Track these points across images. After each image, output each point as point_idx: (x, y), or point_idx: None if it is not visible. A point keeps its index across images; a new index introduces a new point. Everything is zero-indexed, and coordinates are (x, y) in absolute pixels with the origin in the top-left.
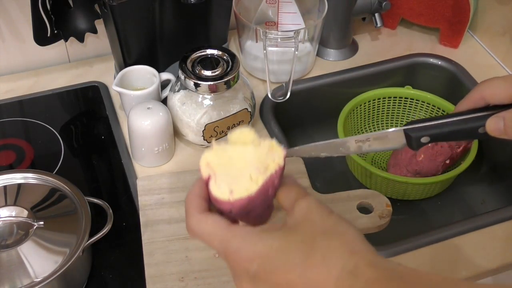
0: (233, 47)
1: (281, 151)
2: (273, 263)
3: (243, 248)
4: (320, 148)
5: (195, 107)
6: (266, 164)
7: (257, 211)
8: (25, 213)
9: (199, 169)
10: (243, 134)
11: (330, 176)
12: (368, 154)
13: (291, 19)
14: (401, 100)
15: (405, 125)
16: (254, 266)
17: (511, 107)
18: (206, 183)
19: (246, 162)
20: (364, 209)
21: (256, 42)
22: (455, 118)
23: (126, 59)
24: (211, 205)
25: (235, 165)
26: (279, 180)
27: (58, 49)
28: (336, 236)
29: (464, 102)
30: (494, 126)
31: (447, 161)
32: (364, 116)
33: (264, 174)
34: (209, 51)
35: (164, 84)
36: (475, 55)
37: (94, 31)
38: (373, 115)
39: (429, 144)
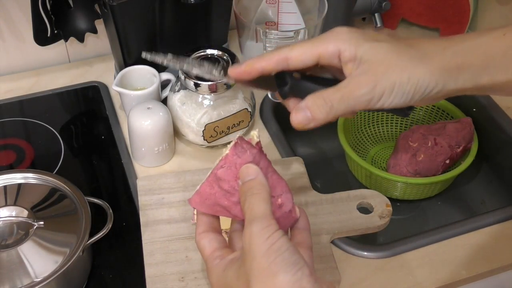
0: (233, 47)
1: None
2: None
3: (211, 278)
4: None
5: (195, 107)
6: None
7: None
8: (25, 213)
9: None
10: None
11: (330, 176)
12: (368, 154)
13: (291, 19)
14: None
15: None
16: None
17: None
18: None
19: None
20: (364, 209)
21: (256, 42)
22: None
23: (126, 59)
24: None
25: None
26: (238, 157)
27: (58, 49)
28: (263, 280)
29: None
30: (302, 118)
31: (447, 161)
32: (364, 116)
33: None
34: (209, 51)
35: (164, 84)
36: None
37: (94, 31)
38: (373, 115)
39: (429, 144)
